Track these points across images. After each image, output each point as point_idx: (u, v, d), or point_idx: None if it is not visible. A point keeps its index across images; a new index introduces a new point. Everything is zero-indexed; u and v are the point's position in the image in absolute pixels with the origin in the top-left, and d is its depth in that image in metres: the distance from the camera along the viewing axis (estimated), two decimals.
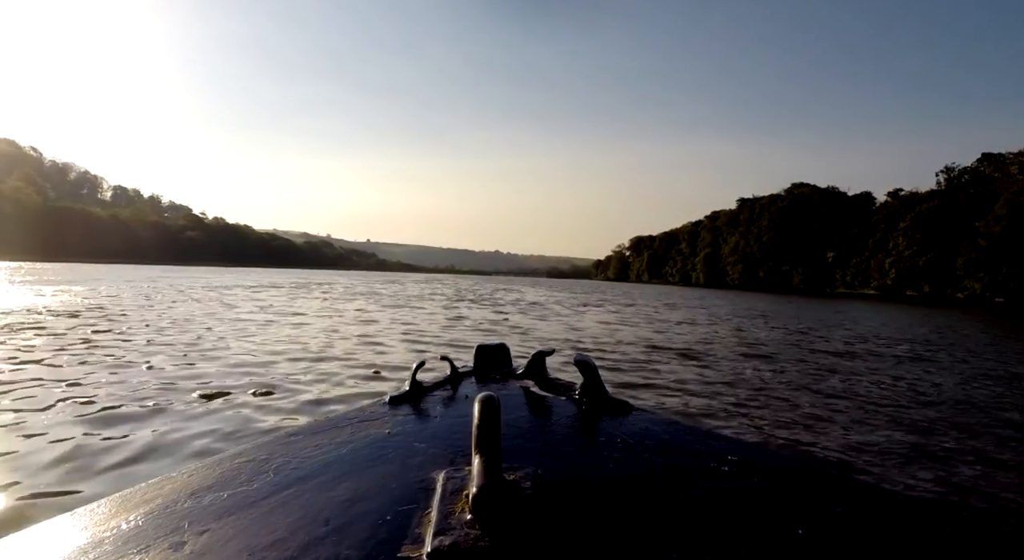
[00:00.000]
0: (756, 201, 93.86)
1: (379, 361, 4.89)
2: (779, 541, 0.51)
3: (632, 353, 5.94)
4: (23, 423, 2.65)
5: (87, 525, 0.57)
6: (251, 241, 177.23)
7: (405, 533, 0.50)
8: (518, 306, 14.48)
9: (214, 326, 7.02)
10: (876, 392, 4.38)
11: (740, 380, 4.66)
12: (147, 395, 3.29)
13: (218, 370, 4.16)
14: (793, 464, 0.71)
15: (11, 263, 53.01)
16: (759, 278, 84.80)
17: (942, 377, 5.29)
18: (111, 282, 19.19)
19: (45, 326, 6.43)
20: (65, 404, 3.02)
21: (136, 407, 3.02)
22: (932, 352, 7.44)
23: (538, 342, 6.78)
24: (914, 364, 6.18)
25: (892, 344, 8.27)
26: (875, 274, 65.52)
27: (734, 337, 8.34)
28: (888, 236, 65.15)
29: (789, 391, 4.27)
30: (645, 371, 4.91)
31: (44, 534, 0.57)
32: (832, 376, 5.07)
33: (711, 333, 8.78)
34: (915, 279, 59.95)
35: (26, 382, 3.51)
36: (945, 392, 4.52)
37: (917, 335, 10.17)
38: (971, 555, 0.53)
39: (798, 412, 3.58)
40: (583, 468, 0.65)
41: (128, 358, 4.49)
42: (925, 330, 11.55)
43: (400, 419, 0.83)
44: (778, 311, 17.10)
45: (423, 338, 6.75)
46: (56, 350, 4.74)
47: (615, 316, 11.64)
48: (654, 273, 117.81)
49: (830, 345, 7.77)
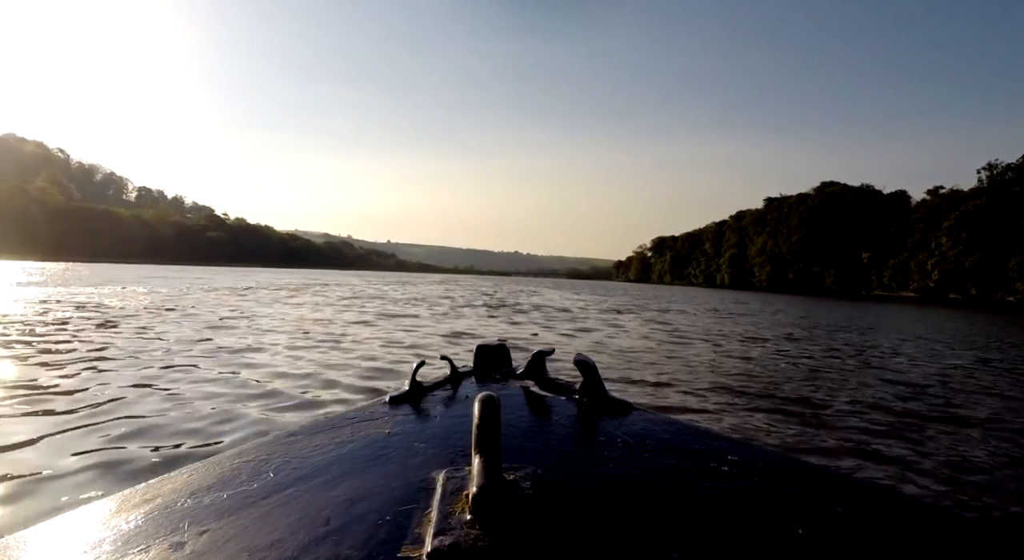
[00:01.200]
0: (784, 200, 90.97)
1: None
2: (779, 541, 0.51)
3: (740, 409, 3.88)
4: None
5: (87, 525, 0.57)
6: (272, 241, 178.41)
7: (405, 533, 0.50)
8: (545, 313, 12.50)
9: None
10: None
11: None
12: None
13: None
14: (793, 464, 0.70)
15: (37, 263, 52.66)
16: (788, 279, 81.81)
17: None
18: (127, 282, 17.67)
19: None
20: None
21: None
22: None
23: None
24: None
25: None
26: (915, 276, 62.15)
27: (866, 372, 6.02)
28: (929, 236, 61.74)
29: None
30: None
31: (44, 534, 0.57)
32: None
33: (818, 362, 6.40)
34: (960, 281, 56.46)
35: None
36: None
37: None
38: (971, 555, 0.53)
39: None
40: (583, 468, 0.65)
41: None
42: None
43: (400, 419, 0.83)
44: (875, 321, 14.69)
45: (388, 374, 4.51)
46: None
47: (663, 330, 9.55)
48: (676, 274, 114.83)
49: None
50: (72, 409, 3.01)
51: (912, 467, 2.64)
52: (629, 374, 4.87)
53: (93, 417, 2.88)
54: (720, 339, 8.29)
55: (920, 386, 4.90)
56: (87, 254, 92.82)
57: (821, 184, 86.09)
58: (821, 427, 3.34)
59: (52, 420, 2.81)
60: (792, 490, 0.61)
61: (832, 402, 4.04)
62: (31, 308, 8.98)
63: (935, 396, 4.48)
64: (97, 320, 7.48)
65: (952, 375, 5.70)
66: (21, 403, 3.12)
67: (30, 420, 2.82)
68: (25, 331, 6.13)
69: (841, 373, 5.52)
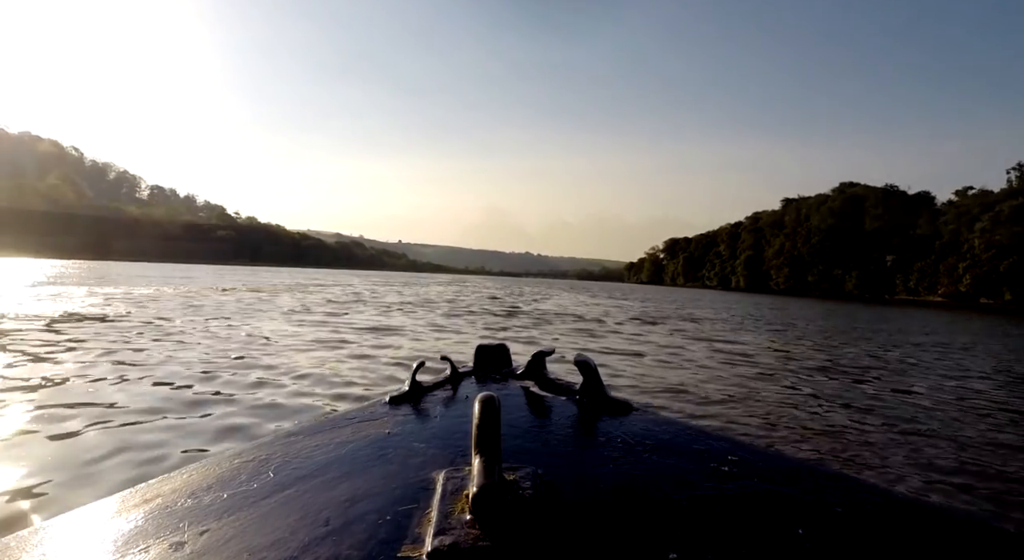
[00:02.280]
0: (803, 201, 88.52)
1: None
2: (779, 541, 0.51)
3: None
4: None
5: (87, 525, 0.58)
6: (283, 240, 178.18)
7: (405, 533, 0.50)
8: (564, 323, 10.66)
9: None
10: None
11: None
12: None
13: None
14: (793, 464, 0.70)
15: (57, 260, 51.82)
16: (807, 282, 79.14)
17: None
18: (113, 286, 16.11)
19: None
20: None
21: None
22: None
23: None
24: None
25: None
26: (944, 279, 59.39)
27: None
28: (960, 238, 59.05)
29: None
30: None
31: (44, 534, 0.57)
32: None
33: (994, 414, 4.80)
34: (995, 285, 53.74)
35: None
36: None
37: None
38: (971, 555, 0.53)
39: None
40: (583, 468, 0.65)
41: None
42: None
43: (400, 419, 0.83)
44: (965, 329, 12.78)
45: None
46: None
47: (719, 351, 7.68)
48: (690, 276, 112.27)
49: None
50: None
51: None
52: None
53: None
54: (809, 370, 6.40)
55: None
56: (96, 253, 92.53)
57: (841, 185, 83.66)
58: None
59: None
60: (792, 490, 0.61)
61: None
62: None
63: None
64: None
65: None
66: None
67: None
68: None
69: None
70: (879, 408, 4.10)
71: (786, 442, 3.07)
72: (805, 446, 3.00)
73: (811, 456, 2.80)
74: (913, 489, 2.38)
